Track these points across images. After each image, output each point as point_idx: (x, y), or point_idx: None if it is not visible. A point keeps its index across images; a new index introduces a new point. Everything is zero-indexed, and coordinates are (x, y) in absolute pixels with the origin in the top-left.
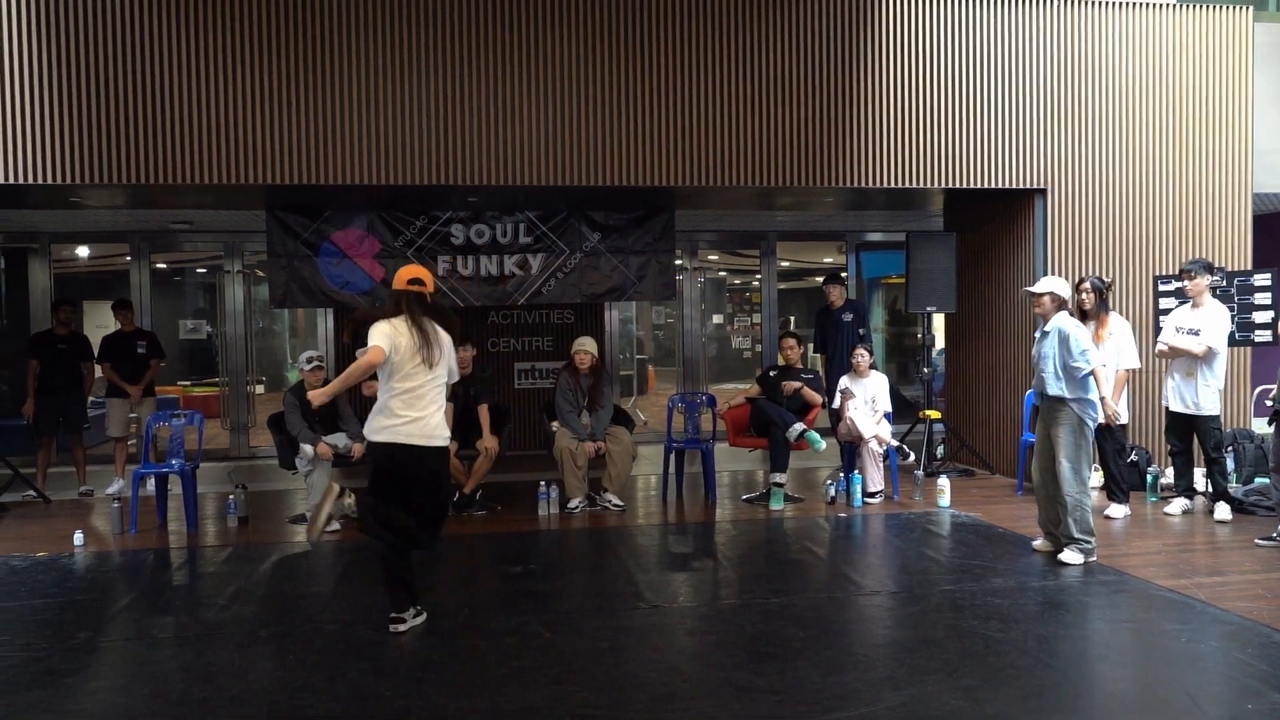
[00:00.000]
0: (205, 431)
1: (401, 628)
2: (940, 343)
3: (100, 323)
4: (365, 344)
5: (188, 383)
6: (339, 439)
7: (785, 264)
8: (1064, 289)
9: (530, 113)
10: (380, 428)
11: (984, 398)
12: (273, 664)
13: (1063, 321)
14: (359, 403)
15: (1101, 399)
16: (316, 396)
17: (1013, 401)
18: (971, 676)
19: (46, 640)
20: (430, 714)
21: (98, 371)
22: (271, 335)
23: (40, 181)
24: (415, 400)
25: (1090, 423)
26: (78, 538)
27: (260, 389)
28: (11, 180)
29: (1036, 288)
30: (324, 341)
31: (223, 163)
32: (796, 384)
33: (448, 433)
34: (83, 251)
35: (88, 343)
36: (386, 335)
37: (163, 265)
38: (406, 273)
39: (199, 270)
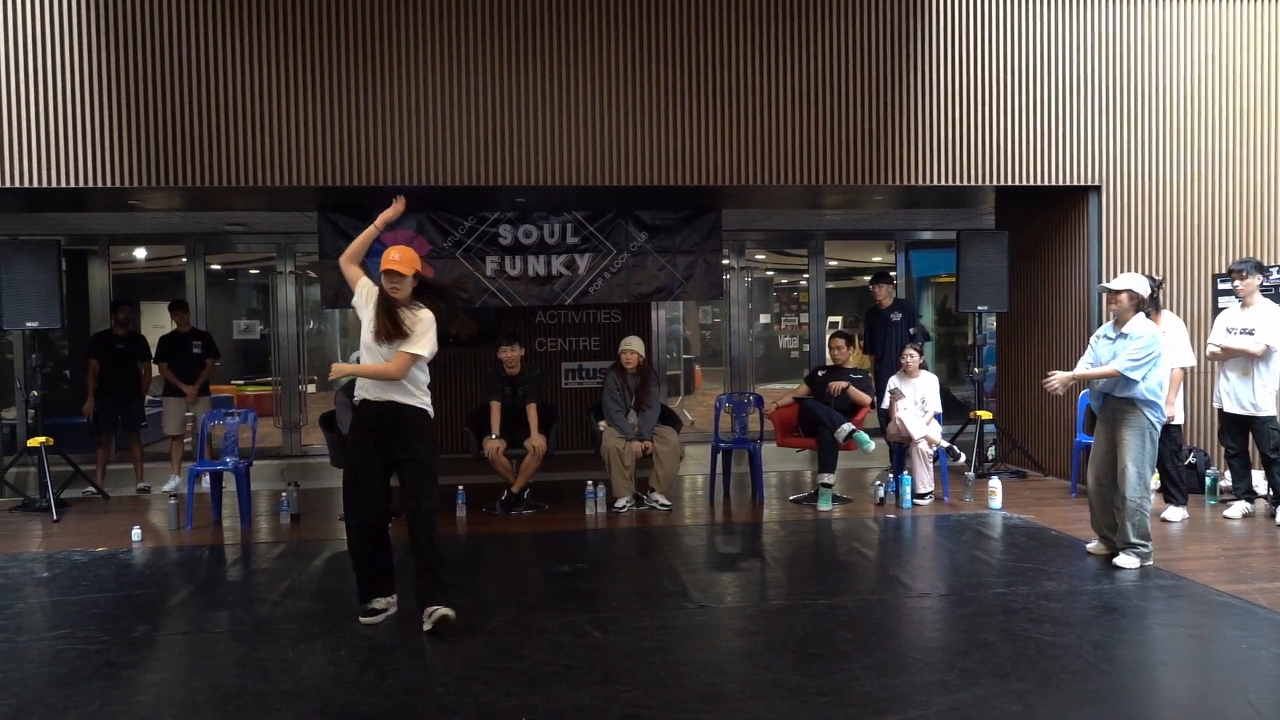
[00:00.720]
0: (258, 430)
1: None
2: (991, 342)
3: (157, 323)
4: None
5: (241, 382)
6: None
7: (833, 263)
8: (1143, 287)
9: (578, 113)
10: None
11: (1036, 398)
12: (325, 660)
13: (1139, 326)
14: None
15: None
16: (337, 369)
17: (1066, 402)
18: (1024, 681)
19: (106, 633)
20: (479, 712)
21: (154, 371)
22: (323, 335)
23: (100, 185)
24: None
25: (1158, 426)
26: (135, 533)
27: (312, 388)
28: (72, 184)
29: (1115, 284)
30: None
31: (275, 165)
32: (843, 384)
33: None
34: (140, 253)
35: (145, 343)
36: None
37: (217, 266)
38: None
39: (252, 271)
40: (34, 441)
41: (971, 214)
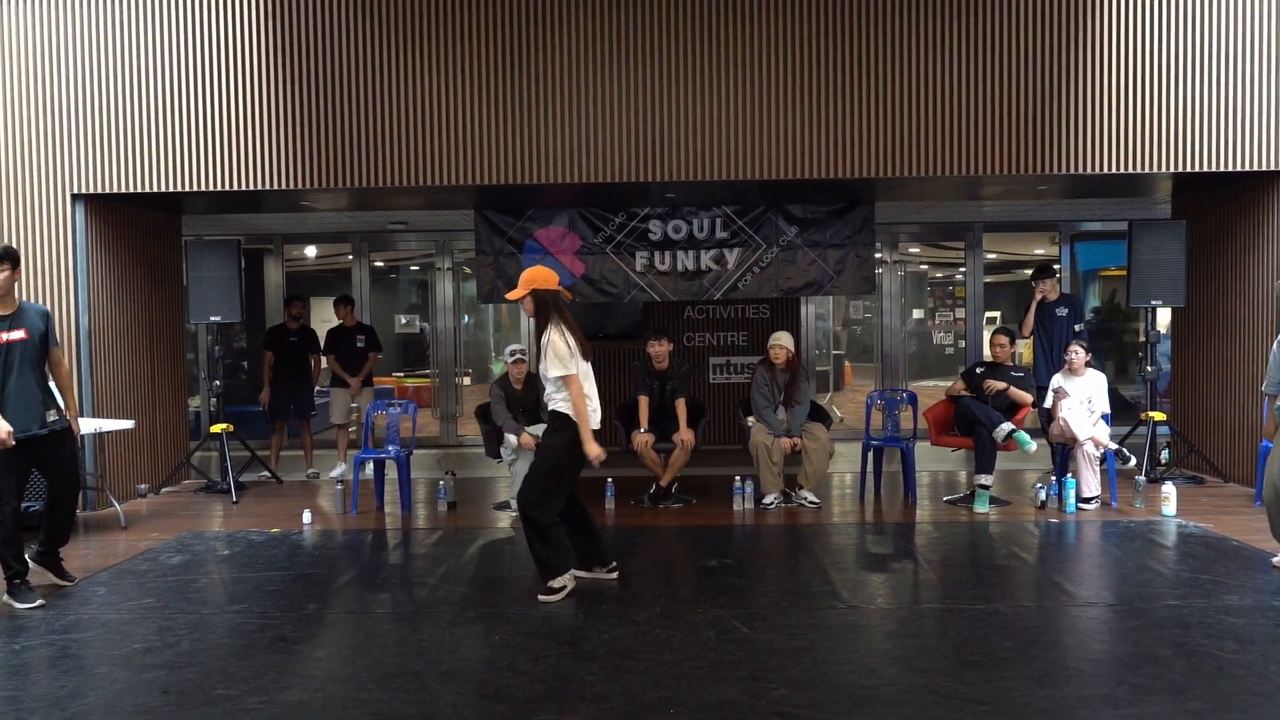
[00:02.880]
0: (418, 420)
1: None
2: (1165, 339)
3: (324, 317)
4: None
5: (402, 374)
6: (541, 430)
7: (992, 256)
8: None
9: (727, 107)
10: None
11: (1216, 399)
12: (480, 643)
13: None
14: None
15: None
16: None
17: (1250, 403)
18: (1200, 700)
19: (280, 609)
20: (629, 701)
21: (323, 363)
22: (479, 329)
23: (275, 187)
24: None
25: None
26: (306, 516)
27: (468, 380)
28: (251, 187)
29: None
30: (526, 335)
31: (435, 166)
32: (1000, 384)
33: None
34: (310, 251)
35: (315, 336)
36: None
37: (380, 263)
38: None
39: (413, 268)
40: (216, 428)
41: (1144, 203)
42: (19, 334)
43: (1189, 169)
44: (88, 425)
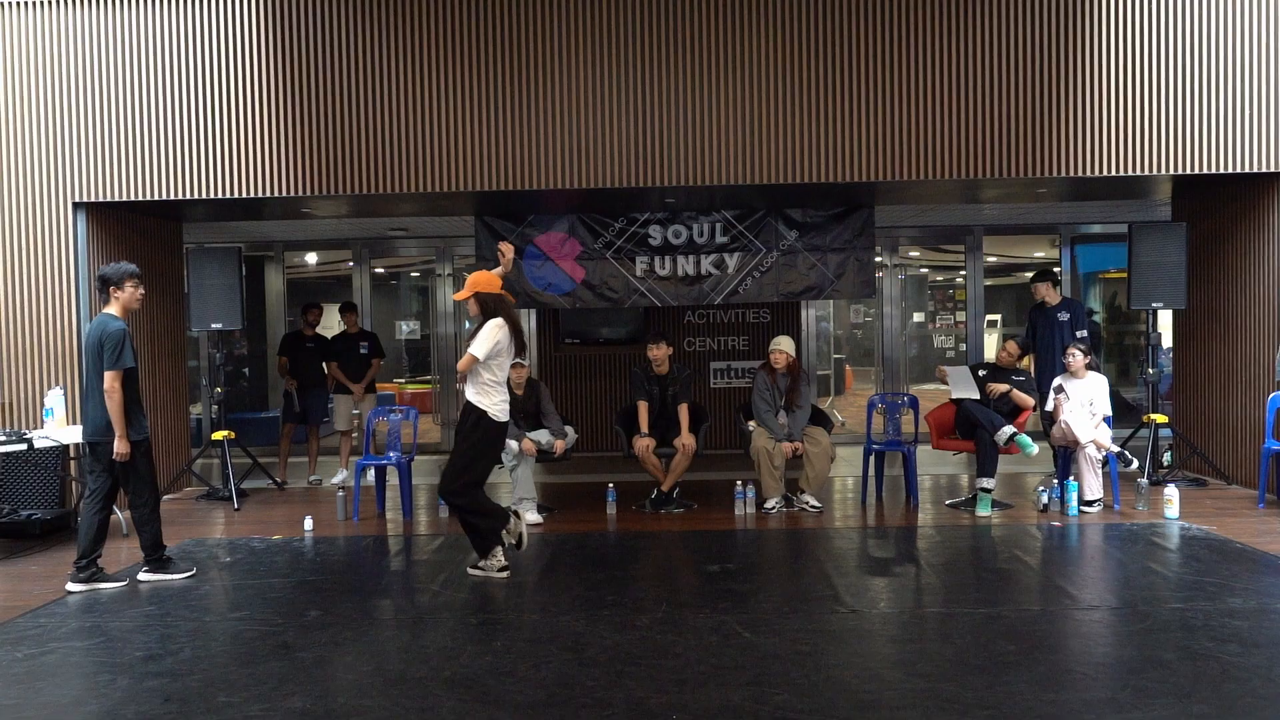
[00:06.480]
0: (419, 426)
1: None
2: (1166, 341)
3: (325, 324)
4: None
5: (403, 380)
6: (542, 435)
7: (992, 259)
8: None
9: (726, 112)
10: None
11: (1218, 401)
12: (481, 649)
13: None
14: (561, 401)
15: None
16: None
17: (1253, 405)
18: (1206, 704)
19: (281, 616)
20: (631, 707)
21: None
22: None
23: (276, 194)
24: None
25: None
26: (307, 523)
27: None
28: (252, 194)
29: None
30: (527, 339)
31: (435, 172)
32: (1003, 386)
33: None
34: (311, 258)
35: (328, 343)
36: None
37: (381, 270)
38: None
39: (413, 274)
40: (218, 435)
41: (1144, 205)
42: None
43: (1188, 171)
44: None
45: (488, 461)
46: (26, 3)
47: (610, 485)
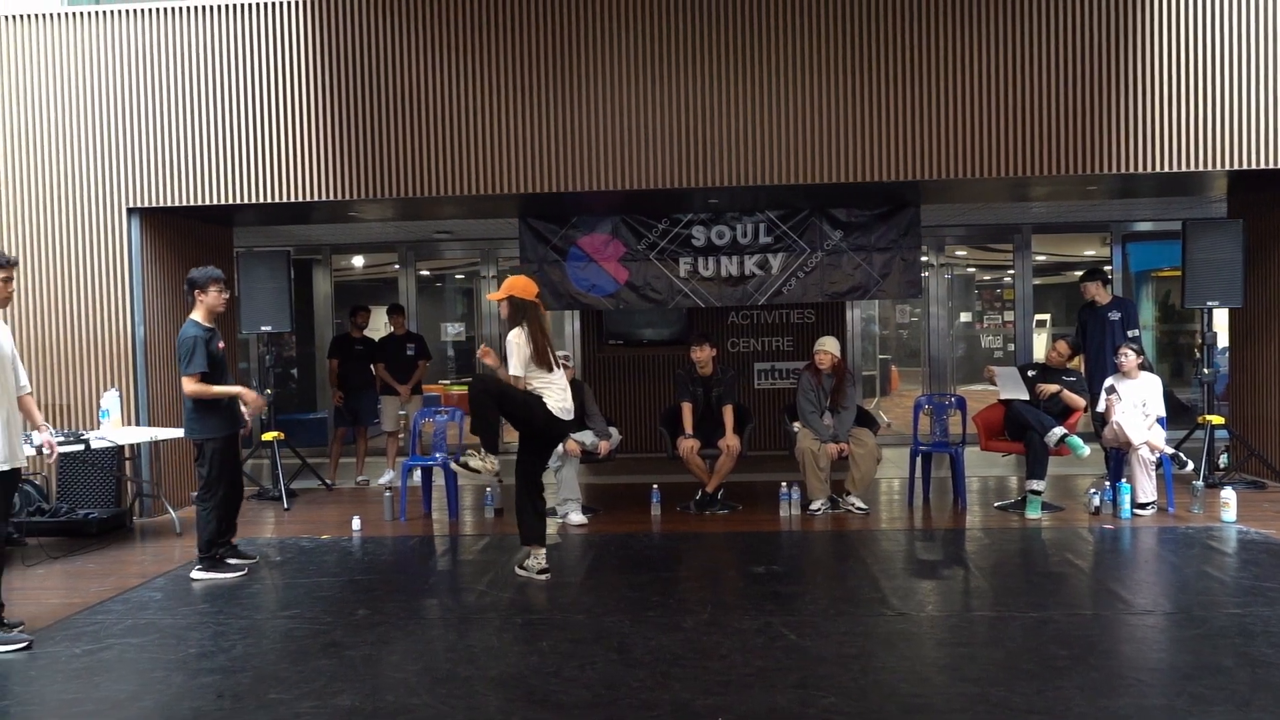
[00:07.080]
0: (464, 427)
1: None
2: (1223, 341)
3: (371, 326)
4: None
5: (448, 381)
6: (586, 436)
7: (1041, 258)
8: None
9: (770, 112)
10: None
11: (1277, 402)
12: (527, 649)
13: None
14: (605, 402)
15: None
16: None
17: None
18: (1266, 712)
19: (331, 615)
20: (676, 709)
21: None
22: None
23: (323, 198)
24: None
25: None
26: (355, 523)
27: None
28: (300, 198)
29: None
30: (571, 340)
31: (480, 174)
32: (1054, 386)
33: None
34: (358, 261)
35: (375, 345)
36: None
37: (426, 272)
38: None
39: (458, 276)
40: (268, 436)
41: (1198, 202)
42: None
43: (1245, 166)
44: (143, 434)
45: (523, 409)
46: (82, 14)
47: (655, 486)
